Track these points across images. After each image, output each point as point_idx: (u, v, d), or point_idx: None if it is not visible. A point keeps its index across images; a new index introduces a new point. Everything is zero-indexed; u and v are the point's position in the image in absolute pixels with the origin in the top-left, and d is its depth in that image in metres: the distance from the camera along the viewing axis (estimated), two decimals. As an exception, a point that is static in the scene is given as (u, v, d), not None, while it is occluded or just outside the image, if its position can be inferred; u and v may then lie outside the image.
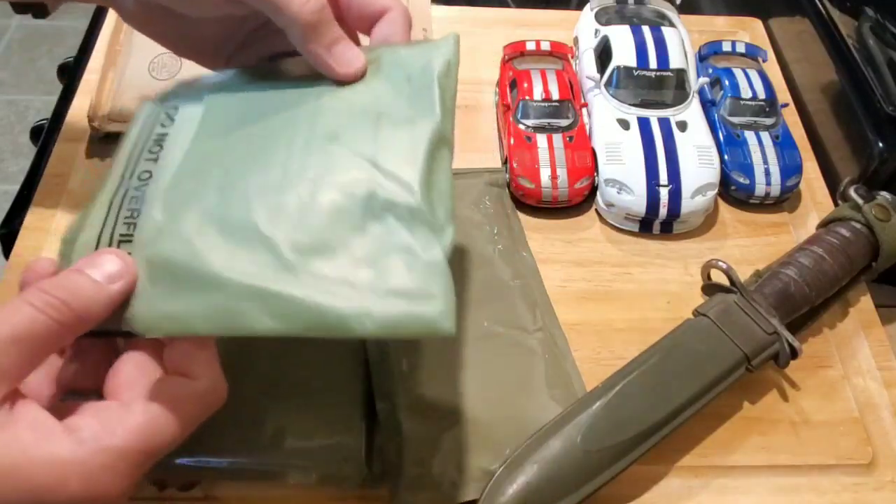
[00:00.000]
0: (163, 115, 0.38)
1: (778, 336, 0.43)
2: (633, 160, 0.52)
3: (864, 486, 0.43)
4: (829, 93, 0.62)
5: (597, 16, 0.60)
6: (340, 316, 0.28)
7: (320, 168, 0.32)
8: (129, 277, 0.31)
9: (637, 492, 0.41)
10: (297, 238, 0.30)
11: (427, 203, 0.31)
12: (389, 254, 0.30)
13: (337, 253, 0.30)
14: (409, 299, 0.28)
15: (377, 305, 0.28)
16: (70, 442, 0.27)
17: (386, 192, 0.31)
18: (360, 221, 0.31)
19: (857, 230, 0.48)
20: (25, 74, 1.67)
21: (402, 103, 0.35)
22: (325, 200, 0.31)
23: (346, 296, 0.28)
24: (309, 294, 0.29)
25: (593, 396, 0.41)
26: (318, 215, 0.31)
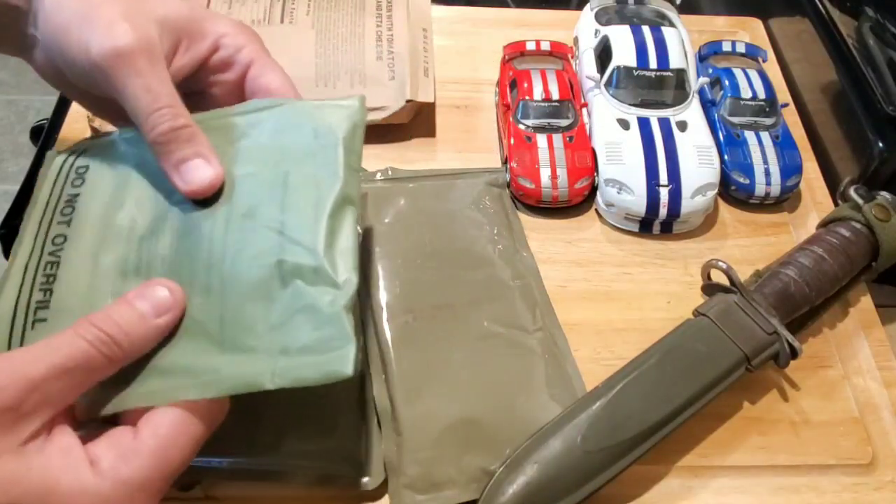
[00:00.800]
0: (73, 174, 0.38)
1: (778, 336, 0.43)
2: (633, 160, 0.52)
3: (864, 486, 0.43)
4: (829, 93, 0.62)
5: (597, 16, 0.60)
6: (255, 379, 0.32)
7: (238, 245, 0.35)
8: (176, 310, 0.33)
9: (637, 492, 0.41)
10: (223, 315, 0.34)
11: (329, 262, 0.34)
12: (297, 315, 0.33)
13: (255, 322, 0.33)
14: (313, 353, 0.32)
15: (285, 363, 0.32)
16: (93, 474, 0.29)
17: (293, 257, 0.34)
18: (273, 290, 0.34)
19: (857, 230, 0.48)
20: (25, 74, 1.67)
21: (308, 161, 0.37)
22: (243, 277, 0.34)
23: (260, 360, 0.32)
24: (229, 365, 0.32)
25: (593, 396, 0.41)
26: (238, 292, 0.34)
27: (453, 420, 0.41)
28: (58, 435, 0.29)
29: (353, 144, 0.38)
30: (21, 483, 0.27)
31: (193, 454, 0.31)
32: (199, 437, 0.31)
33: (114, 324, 0.31)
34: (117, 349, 0.31)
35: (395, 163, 0.55)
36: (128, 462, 0.29)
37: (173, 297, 0.33)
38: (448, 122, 0.59)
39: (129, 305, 0.32)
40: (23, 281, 0.35)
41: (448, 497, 0.39)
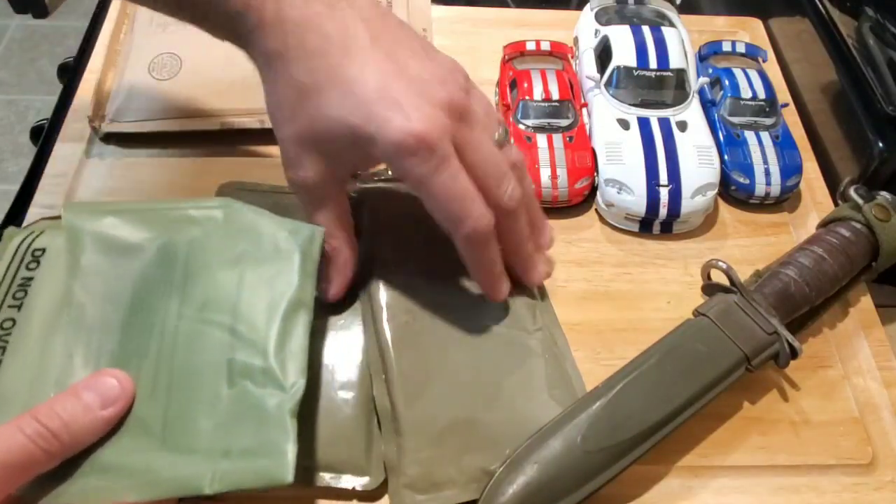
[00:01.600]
0: (28, 257, 0.38)
1: (778, 336, 0.43)
2: (633, 160, 0.52)
3: (864, 486, 0.43)
4: (829, 93, 0.62)
5: (597, 16, 0.60)
6: (193, 482, 0.32)
7: (188, 341, 0.35)
8: (123, 402, 0.33)
9: (637, 492, 0.41)
10: (167, 413, 0.34)
11: (279, 364, 0.35)
12: (242, 416, 0.34)
13: (198, 422, 0.34)
14: (254, 457, 0.33)
15: (225, 467, 0.32)
16: None
17: (243, 357, 0.35)
18: (220, 389, 0.34)
19: (857, 230, 0.48)
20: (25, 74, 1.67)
21: (265, 263, 0.38)
22: (191, 374, 0.35)
23: (201, 462, 0.33)
24: (169, 466, 0.32)
25: (593, 397, 0.41)
26: (184, 390, 0.34)
27: (453, 420, 0.41)
28: None
29: (311, 251, 0.39)
30: None
31: None
32: None
33: (56, 417, 0.31)
34: (57, 444, 0.31)
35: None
36: None
37: (121, 388, 0.33)
38: (448, 122, 0.59)
39: (76, 397, 0.32)
40: None
41: (448, 497, 0.39)
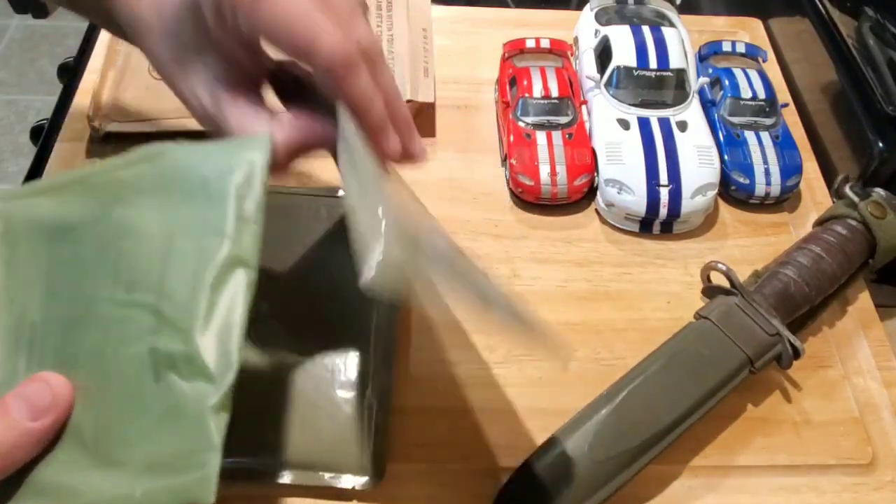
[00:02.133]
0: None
1: (780, 337, 0.43)
2: (634, 160, 0.52)
3: (864, 486, 0.43)
4: (829, 93, 0.62)
5: (597, 16, 0.60)
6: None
7: (118, 330, 0.31)
8: (55, 411, 0.29)
9: (638, 491, 0.41)
10: (97, 419, 0.30)
11: (203, 346, 0.30)
12: (164, 419, 0.29)
13: (127, 429, 0.30)
14: (173, 473, 0.28)
15: (147, 487, 0.29)
16: None
17: (166, 344, 0.30)
18: (146, 386, 0.30)
19: (853, 228, 0.48)
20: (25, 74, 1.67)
21: (194, 219, 0.32)
22: (119, 371, 0.30)
23: (125, 481, 0.29)
24: (97, 485, 0.29)
25: (599, 404, 0.41)
26: (113, 390, 0.30)
27: None
28: None
29: (251, 190, 0.32)
30: None
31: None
32: None
33: None
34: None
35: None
36: None
37: (53, 396, 0.29)
38: (448, 122, 0.59)
39: (4, 409, 0.29)
40: None
41: None
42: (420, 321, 0.47)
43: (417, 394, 0.44)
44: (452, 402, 0.44)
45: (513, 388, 0.45)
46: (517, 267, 0.50)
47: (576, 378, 0.45)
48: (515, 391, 0.45)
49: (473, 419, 0.43)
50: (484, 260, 0.51)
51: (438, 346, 0.46)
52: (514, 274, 0.50)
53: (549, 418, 0.42)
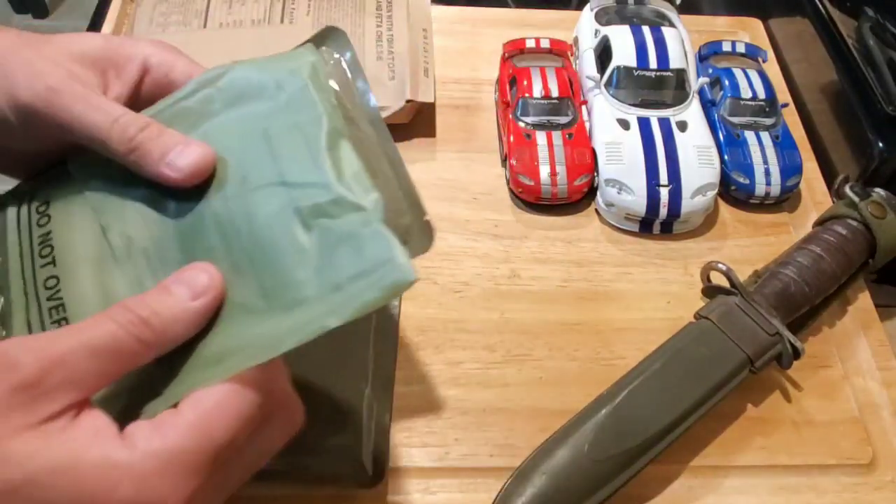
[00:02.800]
0: (35, 215, 0.36)
1: (780, 337, 0.43)
2: (634, 160, 0.52)
3: (864, 486, 0.43)
4: (829, 93, 0.62)
5: (597, 16, 0.60)
6: (315, 324, 0.30)
7: (246, 215, 0.33)
8: (214, 292, 0.31)
9: (638, 491, 0.41)
10: (262, 286, 0.32)
11: (347, 189, 0.32)
12: (334, 251, 0.31)
13: (296, 277, 0.31)
14: (366, 277, 0.30)
15: (340, 298, 0.30)
16: (123, 447, 0.27)
17: (307, 200, 0.32)
18: (301, 239, 0.32)
19: (853, 228, 0.48)
20: (25, 74, 1.67)
21: (280, 111, 0.35)
22: (266, 242, 0.32)
23: (315, 307, 0.30)
24: (284, 323, 0.30)
25: (599, 404, 0.41)
26: (268, 259, 0.32)
27: None
28: (87, 418, 0.27)
29: (320, 83, 0.35)
30: (37, 458, 0.25)
31: (242, 429, 0.29)
32: (245, 410, 0.29)
33: (146, 307, 0.29)
34: (149, 332, 0.29)
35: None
36: (162, 434, 0.27)
37: (210, 277, 0.31)
38: (448, 122, 0.59)
39: (165, 290, 0.30)
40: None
41: None
42: (420, 321, 0.47)
43: (417, 394, 0.44)
44: (452, 402, 0.44)
45: (513, 388, 0.45)
46: (517, 267, 0.50)
47: (576, 378, 0.45)
48: (515, 391, 0.45)
49: (473, 419, 0.43)
50: (484, 260, 0.51)
51: (438, 346, 0.46)
52: (514, 274, 0.50)
53: (549, 418, 0.42)
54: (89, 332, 0.28)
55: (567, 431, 0.40)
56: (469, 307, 0.48)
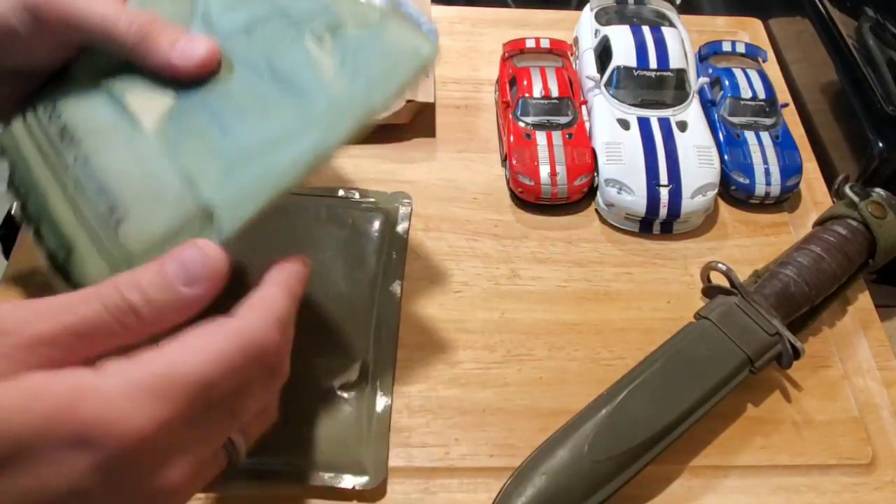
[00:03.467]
0: (45, 119, 0.36)
1: (780, 337, 0.43)
2: (634, 160, 0.52)
3: (864, 486, 0.43)
4: (829, 93, 0.62)
5: (597, 16, 0.60)
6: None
7: (265, 58, 0.34)
8: (211, 283, 0.29)
9: (638, 491, 0.41)
10: (297, 107, 0.33)
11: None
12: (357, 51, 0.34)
13: (324, 81, 0.34)
14: (390, 56, 0.33)
15: (363, 84, 0.33)
16: (89, 373, 0.26)
17: (322, 24, 0.34)
18: (322, 50, 0.34)
19: (853, 228, 0.48)
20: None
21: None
22: (289, 73, 0.34)
23: (343, 98, 0.33)
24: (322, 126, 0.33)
25: (599, 404, 0.41)
26: (295, 84, 0.34)
27: None
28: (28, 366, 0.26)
29: None
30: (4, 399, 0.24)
31: (223, 374, 0.27)
32: (226, 355, 0.28)
33: (137, 290, 0.28)
34: (134, 319, 0.28)
35: (396, 163, 0.55)
36: (134, 361, 0.26)
37: (207, 266, 0.29)
38: (448, 122, 0.59)
39: (160, 272, 0.29)
40: (77, 217, 0.34)
41: None
42: (420, 321, 0.47)
43: (417, 394, 0.44)
44: (452, 402, 0.44)
45: (513, 388, 0.45)
46: (517, 267, 0.50)
47: (576, 378, 0.45)
48: (515, 391, 0.45)
49: (473, 419, 0.43)
50: (484, 260, 0.51)
51: (438, 346, 0.46)
52: (514, 274, 0.50)
53: (549, 418, 0.42)
54: (78, 312, 0.27)
55: (567, 431, 0.40)
56: (469, 307, 0.48)
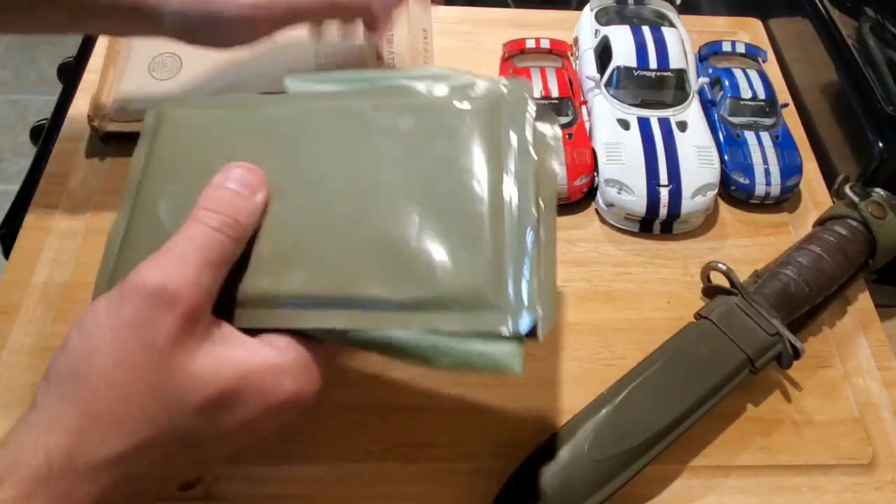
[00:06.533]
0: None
1: (780, 337, 0.43)
2: (634, 160, 0.52)
3: (864, 486, 0.43)
4: (829, 93, 0.62)
5: (597, 16, 0.60)
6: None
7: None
8: (266, 187, 0.34)
9: (638, 491, 0.41)
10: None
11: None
12: None
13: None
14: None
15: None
16: (273, 350, 0.31)
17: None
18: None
19: (853, 228, 0.48)
20: (25, 74, 1.67)
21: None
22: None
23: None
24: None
25: (599, 404, 0.41)
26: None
27: None
28: (215, 327, 0.31)
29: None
30: (222, 370, 0.29)
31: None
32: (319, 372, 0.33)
33: (227, 205, 0.32)
34: (241, 229, 0.32)
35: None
36: (299, 341, 0.32)
37: (258, 175, 0.34)
38: (448, 121, 0.59)
39: (224, 187, 0.33)
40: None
41: None
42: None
43: (417, 393, 0.44)
44: (452, 402, 0.44)
45: (513, 388, 0.45)
46: (517, 267, 0.50)
47: (576, 378, 0.45)
48: (515, 391, 0.45)
49: (473, 419, 0.43)
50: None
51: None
52: (514, 274, 0.50)
53: (549, 418, 0.42)
54: (200, 242, 0.30)
55: (567, 431, 0.40)
56: (469, 307, 0.48)
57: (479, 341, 0.31)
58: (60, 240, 0.49)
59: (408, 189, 0.34)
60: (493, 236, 0.32)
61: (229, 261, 0.32)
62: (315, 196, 0.34)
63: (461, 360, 0.31)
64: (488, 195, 0.33)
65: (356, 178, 0.34)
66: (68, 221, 0.50)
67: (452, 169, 0.34)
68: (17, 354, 0.44)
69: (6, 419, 0.41)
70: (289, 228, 0.33)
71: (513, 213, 0.33)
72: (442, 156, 0.34)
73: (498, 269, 0.32)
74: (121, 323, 0.28)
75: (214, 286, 0.31)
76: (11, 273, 0.48)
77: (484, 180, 0.33)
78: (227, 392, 0.29)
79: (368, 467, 0.41)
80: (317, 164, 0.35)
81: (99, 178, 0.53)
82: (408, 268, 0.32)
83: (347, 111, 0.37)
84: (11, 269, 0.48)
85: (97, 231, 0.50)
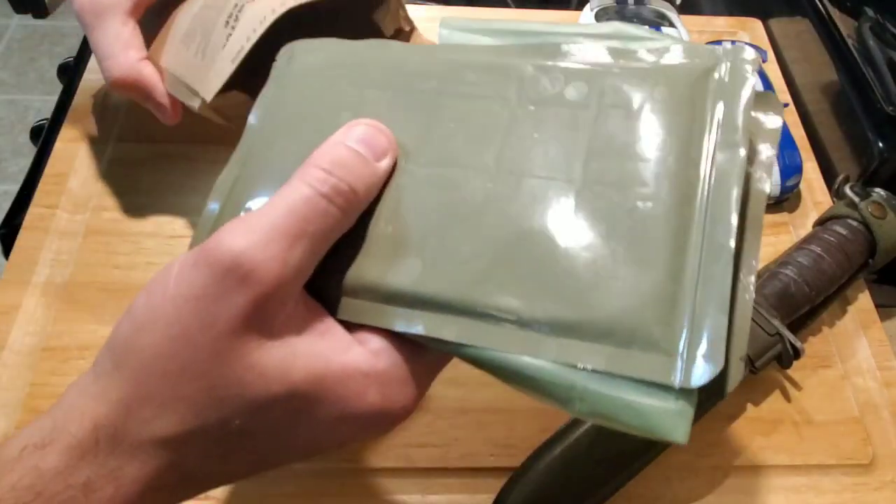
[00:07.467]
0: None
1: (780, 337, 0.43)
2: (633, 160, 0.52)
3: (864, 486, 0.43)
4: (829, 93, 0.62)
5: (597, 16, 0.60)
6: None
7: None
8: (394, 152, 0.28)
9: (638, 491, 0.41)
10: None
11: None
12: None
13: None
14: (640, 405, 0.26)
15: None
16: (365, 353, 0.26)
17: None
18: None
19: (853, 228, 0.48)
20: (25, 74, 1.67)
21: None
22: None
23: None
24: None
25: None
26: None
27: None
28: (311, 315, 0.26)
29: None
30: (292, 368, 0.25)
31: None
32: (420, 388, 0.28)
33: (344, 168, 0.26)
34: (357, 201, 0.26)
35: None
36: (399, 347, 0.27)
37: (388, 137, 0.28)
38: (448, 121, 0.59)
39: (345, 146, 0.27)
40: None
41: None
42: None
43: (417, 394, 0.44)
44: (452, 402, 0.44)
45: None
46: (517, 267, 0.50)
47: (576, 378, 0.45)
48: (515, 391, 0.45)
49: (473, 419, 0.43)
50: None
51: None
52: (514, 274, 0.50)
53: (549, 418, 0.42)
54: (299, 210, 0.25)
55: (567, 431, 0.40)
56: (469, 307, 0.48)
57: (633, 389, 0.24)
58: (60, 240, 0.49)
59: (566, 175, 0.27)
60: (672, 252, 0.25)
61: (333, 237, 0.26)
62: (449, 171, 0.28)
63: (603, 412, 0.25)
64: (671, 197, 0.26)
65: (503, 154, 0.28)
66: (68, 221, 0.50)
67: (627, 156, 0.27)
68: (17, 354, 0.44)
69: (6, 419, 0.41)
70: (411, 207, 0.28)
71: (703, 224, 0.25)
72: (616, 137, 0.27)
73: (672, 296, 0.25)
74: (185, 294, 0.24)
75: (309, 265, 0.25)
76: (11, 273, 0.48)
77: (668, 176, 0.26)
78: (295, 395, 0.25)
79: (369, 467, 0.41)
80: (457, 132, 0.29)
81: (99, 178, 0.53)
82: (549, 277, 0.25)
83: (504, 70, 0.30)
84: (11, 269, 0.48)
85: (97, 231, 0.50)
